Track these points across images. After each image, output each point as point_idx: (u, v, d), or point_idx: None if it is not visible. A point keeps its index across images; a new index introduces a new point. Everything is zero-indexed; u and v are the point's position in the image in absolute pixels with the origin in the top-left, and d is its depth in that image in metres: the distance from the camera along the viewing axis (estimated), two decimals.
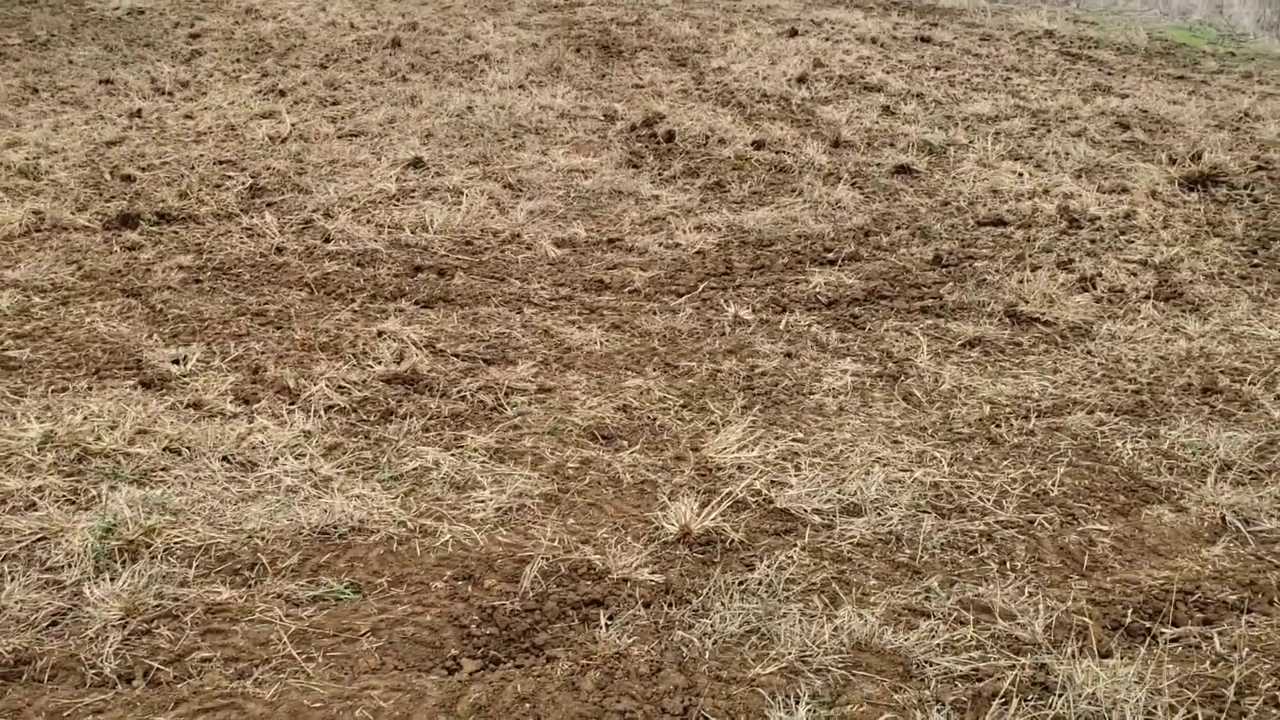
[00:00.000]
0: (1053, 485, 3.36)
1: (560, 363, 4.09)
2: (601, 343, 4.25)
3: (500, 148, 6.82)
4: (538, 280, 4.85)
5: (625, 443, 3.55)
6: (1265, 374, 4.07)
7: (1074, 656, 2.60)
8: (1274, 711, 2.45)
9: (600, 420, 3.67)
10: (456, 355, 4.11)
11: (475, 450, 3.45)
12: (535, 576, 2.84)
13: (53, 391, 3.67)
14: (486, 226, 5.45)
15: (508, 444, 3.52)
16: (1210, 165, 6.26)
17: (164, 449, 3.32)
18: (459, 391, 3.83)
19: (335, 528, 3.01)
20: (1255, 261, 5.20)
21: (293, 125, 6.98)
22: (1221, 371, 4.11)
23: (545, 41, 10.44)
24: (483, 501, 3.19)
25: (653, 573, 2.87)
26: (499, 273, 4.92)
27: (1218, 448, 3.56)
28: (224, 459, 3.30)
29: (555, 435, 3.58)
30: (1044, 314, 4.56)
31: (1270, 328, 4.46)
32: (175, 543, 2.90)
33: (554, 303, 4.63)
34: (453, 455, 3.42)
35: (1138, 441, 3.62)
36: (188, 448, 3.34)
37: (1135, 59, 10.29)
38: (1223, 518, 3.21)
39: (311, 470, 3.27)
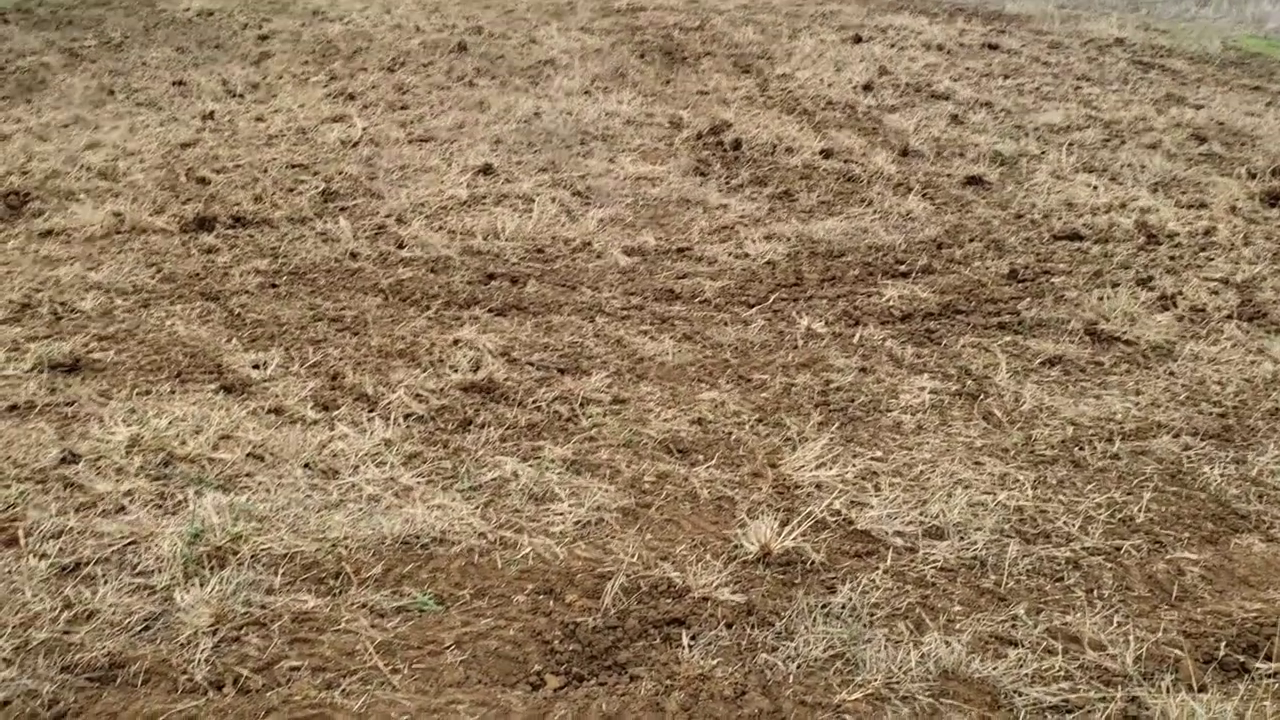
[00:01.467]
0: (1139, 511, 3.30)
1: (633, 373, 4.09)
2: (674, 353, 4.25)
3: (568, 154, 6.83)
4: (609, 289, 4.85)
5: (701, 457, 3.54)
6: None
7: (1167, 690, 2.54)
8: None
9: (675, 433, 3.66)
10: (531, 364, 4.12)
11: (552, 461, 3.46)
12: (616, 593, 2.83)
13: (137, 394, 3.73)
14: (557, 234, 5.46)
15: (584, 456, 3.52)
16: None
17: (247, 455, 3.36)
18: (534, 401, 3.84)
19: (417, 538, 3.03)
20: None
21: (363, 129, 7.05)
22: None
23: (609, 47, 10.45)
24: (561, 514, 3.20)
25: (734, 592, 2.86)
26: (571, 281, 4.93)
27: None
28: (306, 466, 3.33)
29: (631, 448, 3.58)
30: (1125, 333, 4.48)
31: None
32: (261, 550, 2.93)
33: (625, 312, 4.63)
34: (530, 466, 3.42)
35: (1225, 467, 3.54)
36: (271, 454, 3.38)
37: (1209, 68, 10.09)
38: None
39: (392, 479, 3.30)
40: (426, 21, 11.45)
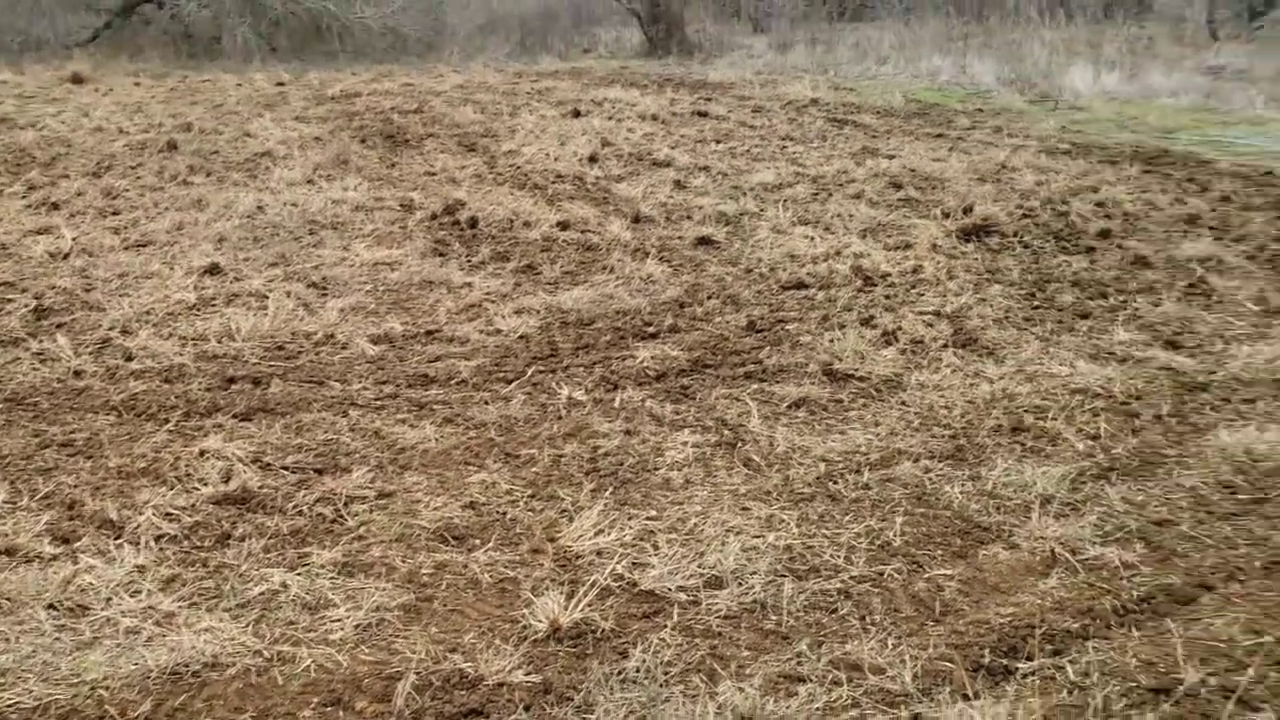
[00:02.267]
0: (895, 535, 3.52)
1: (396, 464, 4.00)
2: (436, 439, 4.19)
3: (298, 246, 6.66)
4: (359, 380, 4.74)
5: (478, 541, 3.50)
6: (1064, 409, 4.40)
7: (945, 702, 2.70)
8: None
9: (448, 520, 3.60)
10: (286, 468, 3.96)
11: (323, 566, 3.32)
12: (408, 693, 2.74)
13: None
14: (297, 329, 5.29)
15: (355, 556, 3.40)
16: (981, 217, 6.76)
17: None
18: (295, 506, 3.68)
19: (186, 666, 2.83)
20: (1035, 304, 5.62)
21: (73, 239, 6.62)
22: (1025, 410, 4.41)
23: (328, 134, 10.31)
24: (339, 620, 3.07)
25: (528, 674, 2.83)
26: (317, 376, 4.79)
27: (1035, 483, 3.81)
28: (50, 606, 3.05)
29: (403, 541, 3.49)
30: (858, 370, 4.78)
31: (1060, 365, 4.83)
32: (8, 707, 2.65)
33: (380, 402, 4.53)
34: (299, 575, 3.27)
35: (963, 485, 3.83)
36: (7, 599, 3.07)
37: (896, 120, 11.03)
38: (1052, 550, 3.43)
39: (151, 607, 3.07)
40: (130, 122, 10.92)
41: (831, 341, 5.09)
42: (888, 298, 5.73)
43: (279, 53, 17.27)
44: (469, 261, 6.41)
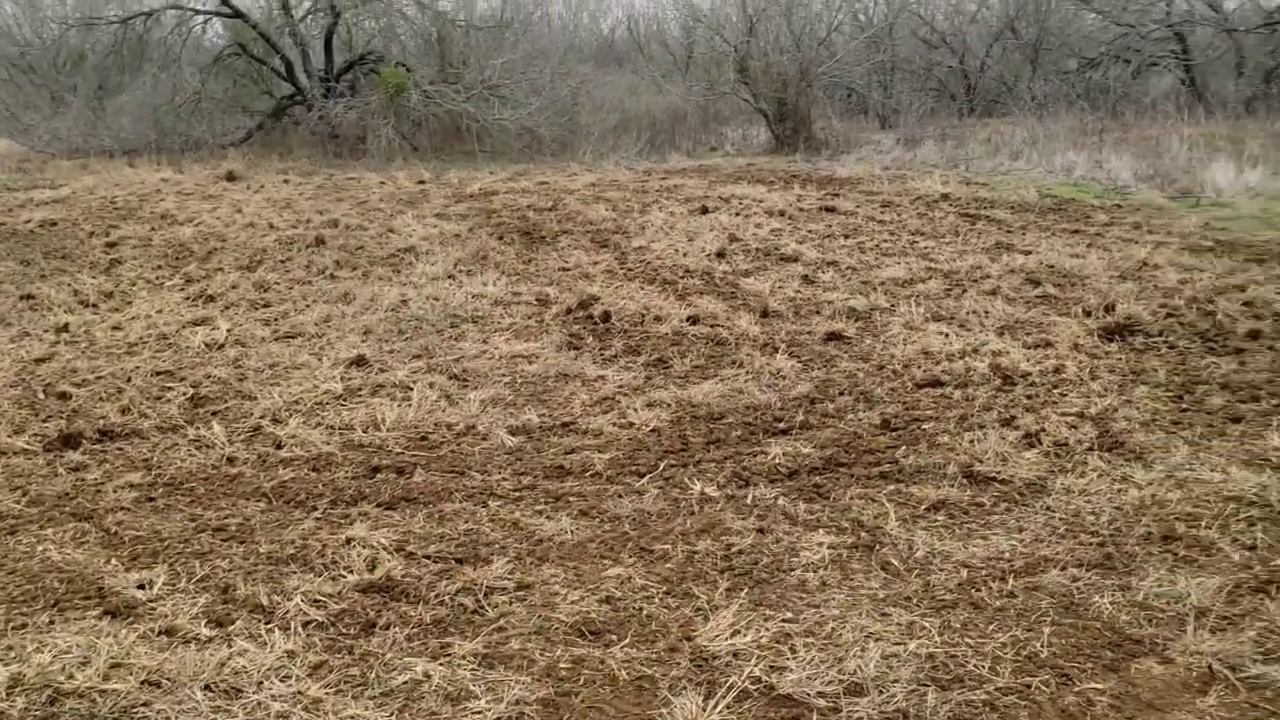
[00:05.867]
0: (1041, 646, 3.40)
1: (534, 556, 4.06)
2: (572, 531, 4.24)
3: (440, 339, 6.88)
4: (498, 471, 4.84)
5: (614, 636, 3.51)
6: (1217, 517, 4.22)
7: None
8: None
9: (585, 614, 3.63)
10: (428, 557, 4.05)
11: (464, 657, 3.37)
12: None
13: (13, 629, 3.50)
14: (439, 420, 5.45)
15: (495, 648, 3.45)
16: (1124, 316, 6.60)
17: (141, 682, 3.18)
18: (437, 596, 3.76)
19: None
20: (1184, 407, 5.44)
21: (227, 330, 6.97)
22: (1176, 518, 4.24)
23: (467, 231, 10.67)
24: (480, 712, 3.11)
25: None
26: (458, 466, 4.91)
27: (1189, 595, 3.65)
28: (206, 688, 3.17)
29: (542, 634, 3.53)
30: (999, 472, 4.68)
31: (1211, 470, 4.64)
32: None
33: (518, 493, 4.62)
34: (441, 665, 3.33)
35: (1113, 595, 3.70)
36: (167, 679, 3.20)
37: (1030, 216, 10.89)
38: (1209, 667, 3.27)
39: (300, 692, 3.16)
40: (279, 218, 11.50)
41: (971, 442, 5.00)
42: (1029, 398, 5.61)
43: (420, 152, 18.03)
44: (602, 355, 6.52)
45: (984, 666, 3.30)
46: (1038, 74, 23.16)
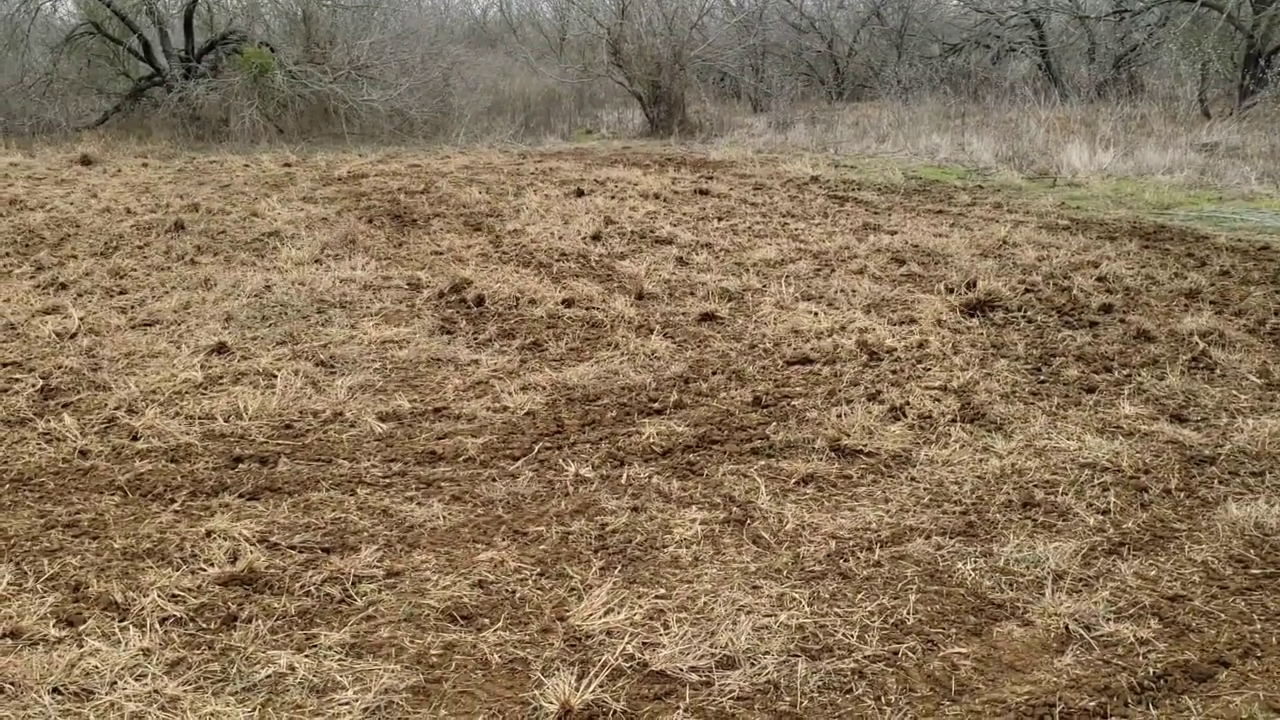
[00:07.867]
0: (908, 614, 3.48)
1: (405, 543, 3.98)
2: (444, 517, 4.17)
3: (306, 325, 6.69)
4: (367, 458, 4.73)
5: (487, 620, 3.46)
6: (1073, 483, 4.38)
7: None
8: None
9: (457, 599, 3.57)
10: (293, 547, 3.93)
11: (330, 648, 3.28)
12: None
13: None
14: (305, 407, 5.30)
15: (363, 637, 3.37)
16: (985, 292, 6.80)
17: None
18: (302, 586, 3.65)
19: None
20: (1041, 378, 5.63)
21: (80, 319, 6.66)
22: (1035, 486, 4.39)
23: (335, 215, 10.42)
24: (347, 703, 3.03)
25: None
26: (325, 454, 4.78)
27: (1047, 559, 3.78)
28: (55, 690, 3.02)
29: (412, 621, 3.46)
30: (866, 445, 4.78)
31: (1068, 439, 4.82)
32: None
33: (388, 480, 4.52)
34: (307, 656, 3.24)
35: (976, 562, 3.80)
36: (11, 683, 3.04)
37: (896, 197, 11.14)
38: (1066, 627, 3.39)
39: (156, 691, 3.03)
40: (137, 203, 11.05)
41: (839, 417, 5.08)
42: (894, 373, 5.74)
43: (286, 134, 17.54)
44: (476, 339, 6.44)
45: (852, 635, 3.36)
46: (903, 59, 23.73)
